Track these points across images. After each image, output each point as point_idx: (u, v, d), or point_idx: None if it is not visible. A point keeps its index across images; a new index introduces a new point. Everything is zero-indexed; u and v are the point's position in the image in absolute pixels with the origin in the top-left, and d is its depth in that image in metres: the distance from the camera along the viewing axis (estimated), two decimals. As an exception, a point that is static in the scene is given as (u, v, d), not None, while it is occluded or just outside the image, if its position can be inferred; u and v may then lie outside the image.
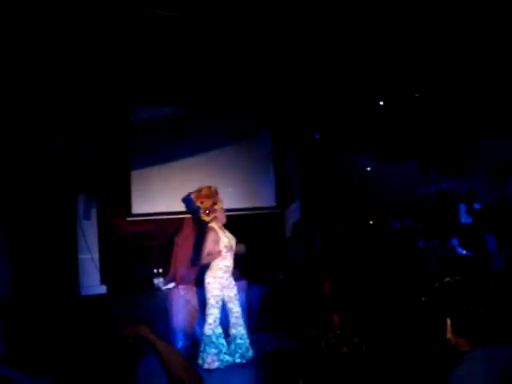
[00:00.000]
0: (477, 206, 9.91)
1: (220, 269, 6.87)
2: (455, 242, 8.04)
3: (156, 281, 8.04)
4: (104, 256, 7.93)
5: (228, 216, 7.39)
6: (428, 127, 8.71)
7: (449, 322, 2.15)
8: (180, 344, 7.51)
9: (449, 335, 2.16)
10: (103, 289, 7.79)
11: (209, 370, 6.56)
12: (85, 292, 7.63)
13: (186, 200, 7.90)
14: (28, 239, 7.21)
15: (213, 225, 6.97)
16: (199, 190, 7.09)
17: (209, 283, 6.84)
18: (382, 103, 7.80)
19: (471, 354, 2.08)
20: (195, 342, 7.33)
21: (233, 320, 6.92)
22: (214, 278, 6.83)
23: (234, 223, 7.49)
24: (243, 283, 8.20)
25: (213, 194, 7.07)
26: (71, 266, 7.65)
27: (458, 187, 10.87)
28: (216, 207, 7.02)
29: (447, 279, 2.19)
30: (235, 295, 6.99)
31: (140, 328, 2.07)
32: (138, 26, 5.69)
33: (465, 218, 9.86)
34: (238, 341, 6.90)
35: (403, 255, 8.56)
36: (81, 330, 1.89)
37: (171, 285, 8.07)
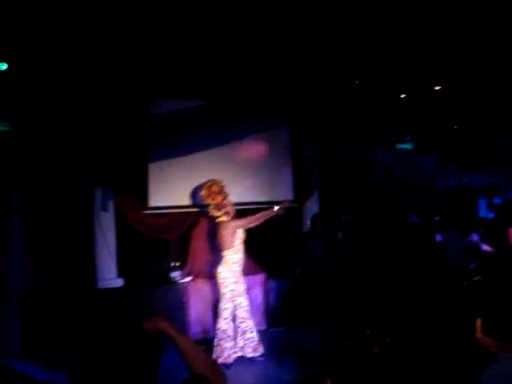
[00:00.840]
0: (497, 200, 9.78)
1: (235, 262, 6.85)
2: (476, 237, 7.91)
3: (173, 274, 8.03)
4: (121, 249, 7.91)
5: (245, 210, 7.35)
6: (449, 121, 8.58)
7: (479, 321, 2.08)
8: (197, 338, 7.48)
9: (478, 335, 2.09)
10: (120, 282, 7.77)
11: (225, 365, 6.53)
12: (102, 285, 7.61)
13: (195, 196, 7.87)
14: (45, 231, 7.22)
15: (224, 219, 6.94)
16: (209, 187, 7.03)
17: (225, 278, 6.80)
18: (403, 96, 7.68)
19: (503, 354, 2.01)
20: (213, 336, 7.31)
21: (242, 314, 6.87)
22: (230, 271, 6.80)
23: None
24: (261, 277, 8.17)
25: (222, 190, 7.04)
26: (88, 259, 7.65)
27: (478, 181, 10.76)
28: (226, 202, 6.99)
29: (476, 278, 2.12)
30: (245, 289, 6.96)
31: (160, 323, 2.02)
32: (157, 19, 5.64)
33: (485, 212, 9.74)
34: (249, 335, 6.86)
35: (421, 250, 8.47)
36: (99, 323, 1.83)
37: (188, 278, 8.05)
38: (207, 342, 7.21)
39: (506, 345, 2.02)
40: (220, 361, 6.54)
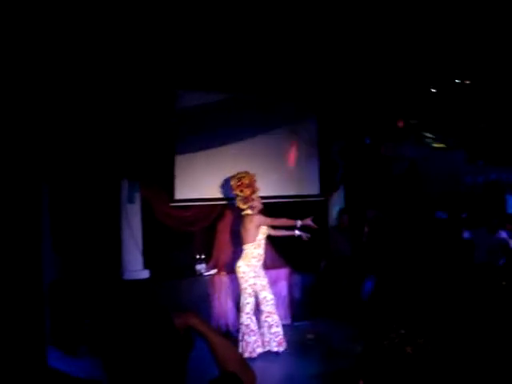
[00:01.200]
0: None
1: (254, 257, 6.83)
2: (504, 234, 7.80)
3: (198, 267, 8.05)
4: (147, 241, 7.95)
5: (271, 203, 7.33)
6: (477, 116, 8.44)
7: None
8: (221, 331, 7.50)
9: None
10: (146, 273, 7.82)
11: (250, 359, 6.53)
12: (128, 276, 7.67)
13: (225, 186, 7.88)
14: (73, 223, 7.30)
15: (249, 212, 6.94)
16: (240, 178, 7.03)
17: (244, 272, 6.80)
18: (434, 91, 7.57)
19: None
20: (238, 329, 7.34)
21: (268, 308, 6.85)
22: (249, 266, 6.80)
23: (276, 210, 7.45)
24: (285, 271, 8.16)
25: (252, 183, 7.03)
26: (115, 250, 7.71)
27: (505, 177, 10.60)
28: (254, 196, 6.98)
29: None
30: (268, 283, 6.95)
31: (191, 319, 2.00)
32: (183, 10, 5.63)
33: (513, 210, 9.61)
34: (274, 329, 6.85)
35: (448, 247, 8.38)
36: (127, 315, 1.83)
37: (213, 271, 8.07)
38: (231, 335, 7.25)
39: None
40: (245, 355, 6.54)
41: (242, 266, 6.82)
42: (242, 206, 7.00)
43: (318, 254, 8.77)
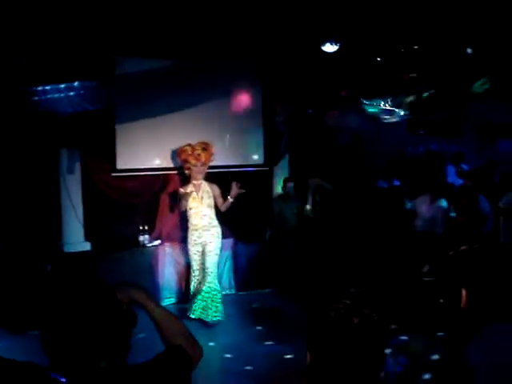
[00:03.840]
0: (465, 167, 9.88)
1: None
2: (444, 202, 7.97)
3: (141, 238, 7.95)
4: (88, 212, 7.76)
5: (216, 173, 7.30)
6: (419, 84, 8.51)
7: (464, 292, 2.06)
8: (166, 302, 7.46)
9: (464, 305, 2.07)
10: (87, 246, 7.65)
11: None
12: (68, 249, 7.49)
13: (168, 156, 7.95)
14: (10, 196, 7.05)
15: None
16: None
17: None
18: (379, 59, 7.60)
19: (489, 325, 2.00)
20: (181, 300, 7.35)
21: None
22: None
23: (221, 180, 7.41)
24: (229, 241, 8.13)
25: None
26: (54, 223, 7.51)
27: (446, 147, 10.83)
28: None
29: (463, 248, 2.09)
30: None
31: (135, 293, 1.94)
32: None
33: (452, 179, 9.83)
34: None
35: (390, 216, 8.52)
36: (68, 289, 1.75)
37: (157, 242, 7.98)
38: (177, 305, 7.25)
39: (492, 315, 2.01)
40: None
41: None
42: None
43: (263, 224, 8.79)
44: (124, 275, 7.03)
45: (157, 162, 8.08)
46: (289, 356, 5.60)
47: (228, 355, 5.87)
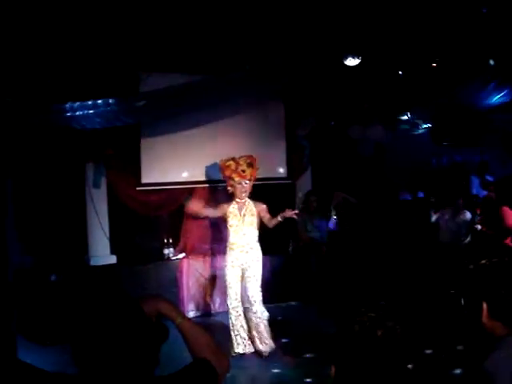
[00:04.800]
0: (489, 178, 9.77)
1: None
2: (469, 214, 7.91)
3: (166, 251, 8.01)
4: (114, 226, 7.86)
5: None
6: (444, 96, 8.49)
7: (485, 305, 2.06)
8: (191, 314, 7.49)
9: (484, 319, 2.08)
10: (113, 259, 7.74)
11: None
12: (95, 262, 7.58)
13: (192, 169, 7.95)
14: (37, 210, 7.17)
15: None
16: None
17: None
18: (400, 73, 7.62)
19: (508, 338, 2.00)
20: (205, 313, 7.36)
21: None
22: None
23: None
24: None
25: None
26: (81, 236, 7.61)
27: (470, 158, 10.72)
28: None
29: (483, 261, 2.10)
30: None
31: (162, 305, 1.94)
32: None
33: (477, 190, 9.73)
34: None
35: (414, 228, 8.48)
36: (96, 303, 1.77)
37: (181, 255, 8.03)
38: (200, 318, 7.27)
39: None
40: None
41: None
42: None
43: (286, 237, 8.79)
44: (149, 288, 7.11)
45: (181, 176, 8.14)
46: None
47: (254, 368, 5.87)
